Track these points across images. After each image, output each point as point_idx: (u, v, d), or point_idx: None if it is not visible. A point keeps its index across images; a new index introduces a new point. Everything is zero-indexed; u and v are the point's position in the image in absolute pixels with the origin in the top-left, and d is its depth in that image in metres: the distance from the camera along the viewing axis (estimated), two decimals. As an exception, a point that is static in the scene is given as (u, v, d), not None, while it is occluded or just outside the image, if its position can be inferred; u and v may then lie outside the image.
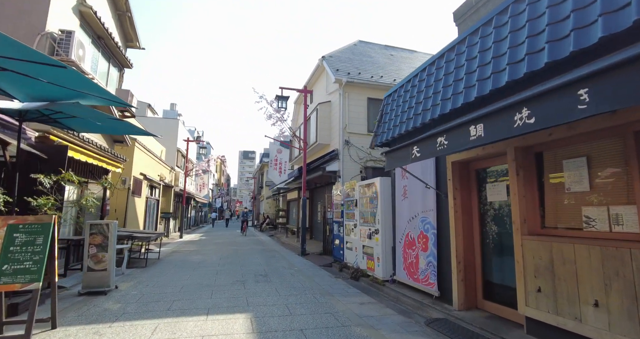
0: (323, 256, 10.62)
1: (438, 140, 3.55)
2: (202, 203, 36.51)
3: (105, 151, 8.72)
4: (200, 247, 13.40)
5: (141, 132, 5.84)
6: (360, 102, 13.09)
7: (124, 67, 11.07)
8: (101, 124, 5.47)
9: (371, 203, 7.21)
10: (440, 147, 3.52)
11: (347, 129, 12.65)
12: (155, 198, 15.43)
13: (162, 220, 17.53)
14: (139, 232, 9.28)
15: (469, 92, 4.38)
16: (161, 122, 22.39)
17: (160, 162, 15.64)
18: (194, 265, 8.86)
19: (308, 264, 9.33)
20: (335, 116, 13.32)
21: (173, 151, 21.21)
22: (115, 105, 4.49)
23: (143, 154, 12.59)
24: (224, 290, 6.03)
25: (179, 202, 22.08)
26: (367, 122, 13.04)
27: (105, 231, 5.78)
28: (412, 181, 5.96)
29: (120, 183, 11.15)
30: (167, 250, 12.20)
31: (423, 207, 5.63)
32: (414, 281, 5.74)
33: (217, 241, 16.58)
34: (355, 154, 12.57)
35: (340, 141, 12.50)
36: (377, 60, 16.15)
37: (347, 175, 12.31)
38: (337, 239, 9.26)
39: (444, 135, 3.48)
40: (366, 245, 7.33)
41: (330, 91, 14.06)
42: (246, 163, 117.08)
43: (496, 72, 3.92)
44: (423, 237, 5.57)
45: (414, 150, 4.02)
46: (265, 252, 12.11)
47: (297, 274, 7.75)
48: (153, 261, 9.47)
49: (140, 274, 7.48)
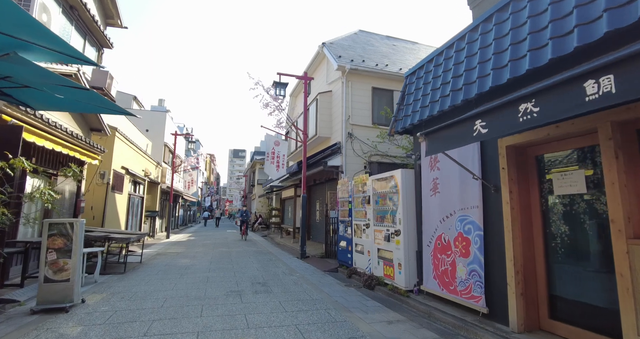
0: (325, 260, 9.58)
1: (522, 107, 2.55)
2: (191, 202, 35.09)
3: (78, 139, 7.52)
4: (188, 249, 12.21)
5: (117, 109, 4.71)
6: (365, 92, 12.08)
7: (103, 46, 9.85)
8: (63, 97, 4.34)
9: (389, 200, 6.19)
10: (526, 117, 2.51)
11: (350, 121, 11.63)
12: (140, 195, 14.17)
13: (148, 219, 16.25)
14: (117, 233, 8.09)
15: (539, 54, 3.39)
16: (148, 115, 21.01)
17: (145, 156, 14.38)
18: (180, 271, 7.72)
19: (310, 269, 8.27)
20: (336, 107, 12.28)
21: (160, 145, 19.90)
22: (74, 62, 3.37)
23: (125, 145, 11.35)
24: (217, 305, 4.93)
25: (165, 200, 20.76)
26: (371, 114, 12.04)
27: (69, 232, 4.62)
28: (447, 172, 4.95)
29: (98, 177, 9.92)
30: (152, 252, 11.00)
31: (462, 203, 4.63)
32: (449, 293, 4.74)
33: (207, 242, 15.39)
34: (359, 147, 11.56)
35: (342, 133, 11.47)
36: (380, 49, 15.17)
37: (351, 170, 11.29)
38: (344, 241, 8.23)
39: (533, 100, 2.47)
40: (383, 249, 6.31)
41: (331, 80, 13.02)
42: (236, 162, 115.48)
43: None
44: (463, 240, 4.57)
45: (477, 125, 3.00)
46: (260, 254, 11.01)
47: (301, 281, 6.68)
48: (134, 265, 8.29)
49: (117, 283, 6.32)
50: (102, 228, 9.01)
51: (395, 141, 11.23)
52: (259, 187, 32.97)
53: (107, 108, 4.80)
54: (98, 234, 7.47)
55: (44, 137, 6.20)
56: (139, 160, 13.34)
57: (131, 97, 23.40)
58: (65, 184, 8.13)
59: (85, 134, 8.92)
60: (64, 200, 8.15)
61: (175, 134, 18.78)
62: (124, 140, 11.06)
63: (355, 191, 7.62)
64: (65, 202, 8.22)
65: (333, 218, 9.84)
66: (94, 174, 9.27)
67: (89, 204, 9.37)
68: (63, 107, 5.02)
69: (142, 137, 15.25)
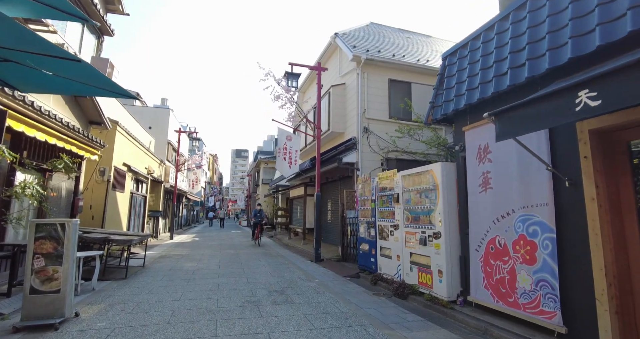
0: (343, 264, 8.85)
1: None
2: (194, 201, 34.44)
3: (75, 131, 6.84)
4: (193, 251, 11.52)
5: (117, 90, 4.03)
6: (381, 84, 11.37)
7: (103, 33, 9.17)
8: (52, 75, 3.65)
9: (425, 198, 5.46)
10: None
11: (366, 115, 10.91)
12: (142, 194, 13.50)
13: (150, 219, 15.58)
14: (118, 234, 7.39)
15: None
16: (150, 111, 20.38)
17: (148, 153, 13.71)
18: (187, 276, 7.02)
19: (329, 274, 7.55)
20: (351, 100, 11.57)
21: (163, 143, 19.23)
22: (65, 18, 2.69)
23: (127, 141, 10.67)
24: (233, 319, 4.21)
25: (169, 200, 20.11)
26: (388, 107, 11.32)
27: (59, 235, 3.92)
28: (503, 164, 4.23)
29: (97, 174, 9.24)
30: (155, 254, 10.31)
31: (524, 201, 3.91)
32: (507, 306, 4.01)
33: (212, 243, 14.70)
34: (375, 143, 10.85)
35: (358, 128, 10.75)
36: (395, 41, 14.46)
37: (367, 167, 10.58)
38: (365, 244, 7.50)
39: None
40: (417, 253, 5.59)
41: (344, 72, 12.31)
42: (239, 162, 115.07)
43: None
44: (526, 244, 3.84)
45: (582, 97, 2.28)
46: (270, 257, 10.30)
47: (323, 290, 5.96)
48: (136, 269, 7.60)
49: (117, 291, 5.62)
50: (101, 229, 8.33)
51: (417, 135, 10.52)
52: (264, 187, 32.28)
53: (105, 89, 4.09)
54: (97, 235, 6.79)
55: (35, 127, 5.51)
56: (141, 157, 12.66)
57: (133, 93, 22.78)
58: (61, 181, 7.46)
59: (84, 127, 8.24)
60: (60, 198, 7.47)
61: (179, 131, 18.11)
62: (125, 135, 10.38)
63: (380, 189, 6.90)
64: (61, 201, 7.54)
65: (350, 219, 9.13)
66: (93, 171, 8.60)
67: (88, 203, 8.69)
68: (53, 88, 4.32)
69: (144, 133, 14.59)
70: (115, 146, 9.60)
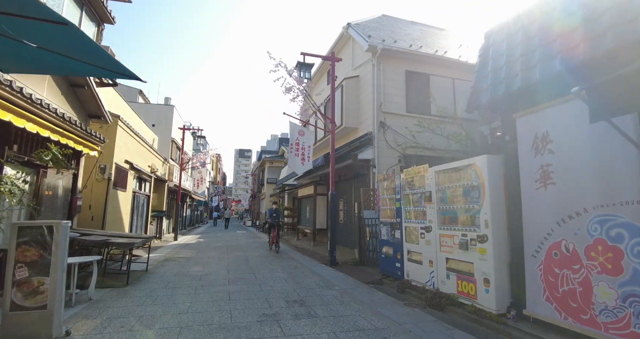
0: (361, 268, 8.20)
1: None
2: (198, 201, 33.90)
3: (71, 124, 6.24)
4: (199, 254, 10.91)
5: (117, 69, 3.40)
6: (398, 76, 10.71)
7: (103, 21, 8.55)
8: (37, 47, 3.04)
9: (466, 196, 4.80)
10: None
11: (382, 108, 10.26)
12: (146, 193, 12.91)
13: (154, 220, 15.00)
14: (119, 236, 6.78)
15: None
16: (154, 108, 19.82)
17: (151, 151, 13.12)
18: (194, 282, 6.40)
19: (348, 280, 6.90)
20: (365, 94, 10.92)
21: (167, 141, 18.66)
22: None
23: (129, 136, 10.06)
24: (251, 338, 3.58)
25: (173, 200, 19.53)
26: (406, 101, 10.66)
27: (46, 240, 3.30)
28: (568, 155, 3.57)
29: (97, 172, 8.65)
30: (159, 257, 9.70)
31: (603, 198, 3.24)
32: (581, 324, 3.35)
33: (219, 245, 14.10)
34: (392, 138, 10.19)
35: (374, 122, 10.10)
36: (409, 32, 13.78)
37: (383, 164, 9.93)
38: (388, 247, 6.85)
39: None
40: (456, 259, 4.93)
41: (358, 64, 11.66)
42: (242, 162, 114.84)
43: None
44: (606, 251, 3.17)
45: None
46: (281, 260, 9.67)
47: (347, 299, 5.32)
48: (138, 275, 6.99)
49: (116, 301, 5.00)
50: (102, 231, 7.73)
51: (439, 128, 9.84)
52: (269, 186, 31.70)
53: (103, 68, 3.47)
54: (96, 238, 6.18)
55: (25, 117, 4.91)
56: (144, 154, 12.07)
57: (136, 91, 22.27)
58: (57, 178, 6.86)
59: (83, 121, 7.63)
60: (56, 197, 6.87)
61: (183, 129, 17.53)
62: (127, 130, 9.78)
63: (407, 187, 6.25)
64: (57, 200, 6.94)
65: (369, 219, 8.48)
66: (93, 168, 8.00)
67: (87, 202, 8.09)
68: (40, 66, 3.69)
69: (147, 131, 14.00)
70: (117, 142, 9.01)
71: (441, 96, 11.01)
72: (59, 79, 6.70)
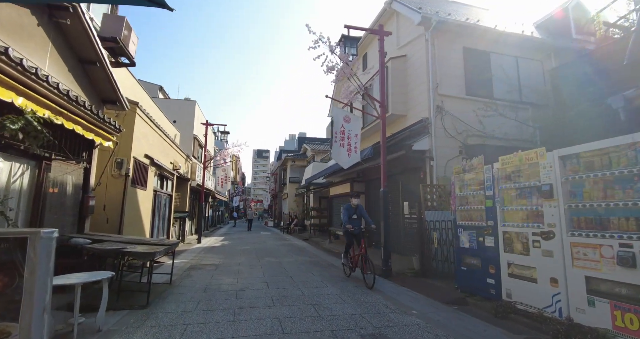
0: (424, 281, 6.74)
1: None
2: (219, 201, 33.02)
3: (81, 106, 5.05)
4: (227, 259, 9.68)
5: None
6: (454, 54, 9.20)
7: (118, -8, 7.42)
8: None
9: (625, 189, 3.30)
10: None
11: (438, 90, 8.77)
12: (167, 193, 11.80)
13: (177, 221, 13.93)
14: (137, 243, 5.56)
15: None
16: (174, 104, 18.84)
17: (173, 146, 12.01)
18: (231, 301, 5.10)
19: (420, 299, 5.46)
20: (416, 75, 9.45)
21: (189, 138, 17.63)
22: None
23: (149, 128, 8.92)
24: None
25: (195, 200, 18.52)
26: (464, 81, 9.12)
27: (14, 259, 2.02)
28: None
29: (114, 167, 7.51)
30: (183, 264, 8.51)
31: None
32: None
33: (246, 248, 12.88)
34: (451, 125, 8.69)
35: (430, 107, 8.62)
36: (455, 9, 12.17)
37: (442, 156, 8.45)
38: (474, 258, 5.38)
39: None
40: (607, 279, 3.42)
41: (404, 43, 10.20)
42: (260, 162, 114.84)
43: None
44: None
45: None
46: (322, 268, 8.31)
47: (437, 329, 3.89)
48: (161, 288, 5.76)
49: (133, 333, 3.73)
50: (117, 236, 6.55)
51: (516, 109, 8.29)
52: (291, 186, 30.49)
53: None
54: (109, 246, 4.96)
55: (20, 92, 3.71)
56: (166, 149, 10.95)
57: (157, 87, 21.43)
58: (65, 173, 5.71)
59: (95, 105, 6.45)
60: (64, 196, 5.72)
61: (206, 124, 16.44)
62: (147, 120, 8.63)
63: (505, 179, 4.77)
64: (66, 200, 5.79)
65: (432, 222, 7.02)
66: (108, 162, 6.83)
67: (101, 202, 6.94)
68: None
69: (169, 125, 12.92)
70: (135, 133, 7.85)
71: (504, 77, 9.44)
72: (64, 51, 5.54)
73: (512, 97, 9.28)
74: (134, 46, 6.94)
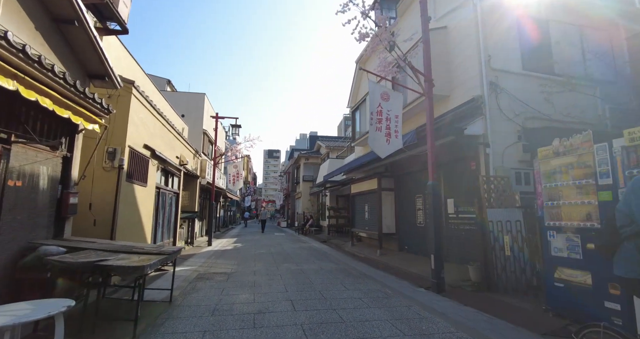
0: (490, 297, 5.30)
1: None
2: (231, 201, 31.91)
3: (54, 74, 3.77)
4: (240, 266, 8.39)
5: None
6: (507, 22, 7.70)
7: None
8: None
9: None
10: None
11: (491, 65, 7.30)
12: (173, 191, 10.57)
13: (184, 222, 12.73)
14: (128, 250, 4.27)
15: None
16: (182, 97, 17.68)
17: (179, 139, 10.79)
18: (246, 330, 3.77)
19: (497, 325, 4.03)
20: (460, 48, 7.99)
21: (198, 133, 16.45)
22: None
23: (148, 113, 7.66)
24: None
25: (206, 199, 17.35)
26: (520, 54, 7.63)
27: None
28: None
29: (105, 158, 6.27)
30: (190, 273, 7.24)
31: None
32: None
33: (261, 252, 11.58)
34: (507, 106, 7.20)
35: (483, 83, 7.16)
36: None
37: (498, 142, 6.98)
38: (579, 271, 3.93)
39: None
40: None
41: (443, 13, 8.73)
42: (271, 162, 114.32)
43: None
44: None
45: None
46: (352, 278, 6.94)
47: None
48: (158, 310, 4.47)
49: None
50: (106, 242, 5.29)
51: (581, 86, 6.78)
52: (305, 185, 29.17)
53: None
54: (84, 258, 3.67)
55: None
56: (171, 141, 9.72)
57: (165, 81, 20.36)
58: (35, 161, 4.46)
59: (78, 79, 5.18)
60: (34, 191, 4.47)
61: (216, 117, 15.21)
62: (146, 104, 7.37)
63: (634, 162, 3.32)
64: (37, 196, 4.53)
65: (497, 222, 5.58)
66: (95, 150, 5.56)
67: (87, 199, 5.68)
68: None
69: (175, 116, 11.71)
70: (132, 117, 6.59)
71: (565, 49, 7.92)
72: (33, 5, 4.28)
73: (575, 72, 7.75)
74: (126, 9, 5.68)
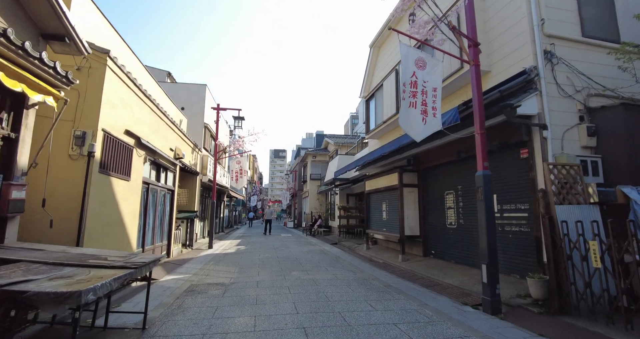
0: (566, 322, 3.96)
1: None
2: (236, 200, 30.75)
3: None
4: (242, 275, 7.14)
5: None
6: (563, -21, 6.33)
7: None
8: None
9: None
10: None
11: (545, 30, 5.94)
12: (167, 187, 9.35)
13: (182, 223, 11.51)
14: (82, 263, 3.03)
15: None
16: (182, 88, 16.47)
17: (175, 130, 9.56)
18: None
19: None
20: (504, 13, 6.64)
21: (199, 127, 15.23)
22: None
23: (131, 93, 6.42)
24: None
25: (207, 198, 16.17)
26: (578, 18, 6.27)
27: None
28: None
29: (72, 143, 5.04)
30: (180, 283, 6.00)
31: None
32: None
33: (266, 256, 10.32)
34: (566, 81, 5.85)
35: (536, 52, 5.80)
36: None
37: (556, 124, 5.62)
38: None
39: None
40: None
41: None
42: (277, 162, 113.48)
43: None
44: None
45: None
46: (379, 294, 5.64)
47: None
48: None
49: None
50: (60, 249, 4.05)
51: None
52: (313, 183, 27.90)
53: None
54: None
55: None
56: (163, 130, 8.49)
57: (165, 73, 19.24)
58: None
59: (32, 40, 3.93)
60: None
61: (217, 108, 14.00)
62: (127, 81, 6.14)
63: None
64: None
65: (567, 223, 4.23)
66: (50, 131, 4.32)
67: (40, 193, 4.44)
68: None
69: (172, 106, 10.49)
70: (106, 95, 5.36)
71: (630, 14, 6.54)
72: None
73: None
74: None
